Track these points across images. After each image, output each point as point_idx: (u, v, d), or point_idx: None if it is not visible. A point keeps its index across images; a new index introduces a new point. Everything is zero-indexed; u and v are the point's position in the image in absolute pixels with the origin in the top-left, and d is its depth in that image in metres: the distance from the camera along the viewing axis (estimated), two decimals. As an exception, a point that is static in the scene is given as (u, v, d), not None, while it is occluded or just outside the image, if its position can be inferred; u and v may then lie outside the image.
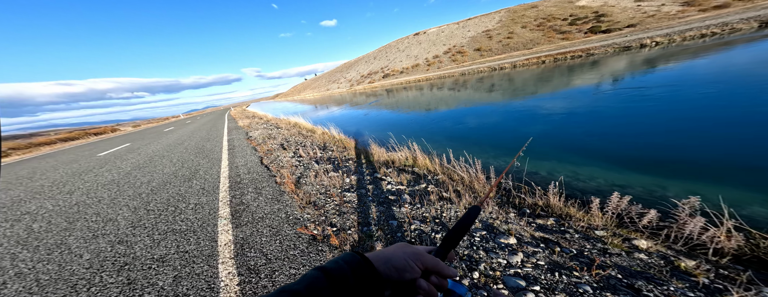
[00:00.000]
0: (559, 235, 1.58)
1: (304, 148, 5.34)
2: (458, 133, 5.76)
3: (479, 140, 4.95)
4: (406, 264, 0.36)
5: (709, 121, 3.57)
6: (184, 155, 5.73)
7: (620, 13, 37.92)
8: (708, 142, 3.05)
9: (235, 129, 10.29)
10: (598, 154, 3.29)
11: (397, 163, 3.80)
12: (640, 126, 3.89)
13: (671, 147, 3.10)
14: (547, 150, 3.69)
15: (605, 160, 3.06)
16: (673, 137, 3.34)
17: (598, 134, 3.95)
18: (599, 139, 3.76)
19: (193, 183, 3.58)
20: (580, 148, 3.59)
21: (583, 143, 3.74)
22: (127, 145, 9.89)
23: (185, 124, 19.68)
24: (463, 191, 2.37)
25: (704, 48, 11.20)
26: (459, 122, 6.59)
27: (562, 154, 3.48)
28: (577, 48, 21.62)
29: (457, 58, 42.89)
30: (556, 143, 3.90)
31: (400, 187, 2.80)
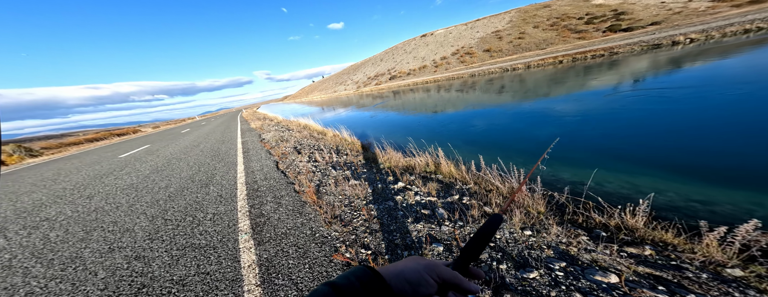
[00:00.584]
0: (677, 273, 1.24)
1: (320, 151, 5.15)
2: (474, 135, 5.45)
3: (499, 144, 4.63)
4: (421, 277, 0.33)
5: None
6: (200, 158, 5.66)
7: (642, 11, 35.73)
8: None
9: (248, 131, 10.28)
10: (656, 160, 2.92)
11: (417, 170, 3.54)
12: (700, 130, 3.48)
13: (745, 154, 2.70)
14: (585, 155, 3.34)
15: (669, 170, 2.69)
16: (744, 143, 2.93)
17: (648, 139, 3.55)
18: (653, 144, 3.37)
19: (210, 189, 3.43)
20: (627, 153, 3.22)
21: (629, 148, 3.36)
22: (147, 146, 10.03)
23: (200, 126, 20.05)
24: (507, 205, 2.08)
25: (750, 43, 10.36)
26: (473, 125, 6.26)
27: (610, 160, 3.12)
28: (598, 47, 20.28)
29: (466, 59, 41.95)
30: (595, 147, 3.54)
31: (430, 198, 2.53)
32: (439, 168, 3.49)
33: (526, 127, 5.28)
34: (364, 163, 4.09)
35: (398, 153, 4.22)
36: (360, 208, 2.38)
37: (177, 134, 14.60)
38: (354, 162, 4.13)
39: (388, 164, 3.91)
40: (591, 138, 3.95)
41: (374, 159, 4.20)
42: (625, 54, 16.18)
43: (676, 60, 9.80)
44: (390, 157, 4.09)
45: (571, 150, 3.63)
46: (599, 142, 3.76)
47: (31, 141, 31.09)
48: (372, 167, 3.84)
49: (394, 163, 3.92)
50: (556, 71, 14.60)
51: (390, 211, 2.31)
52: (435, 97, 14.10)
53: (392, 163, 3.93)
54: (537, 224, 1.85)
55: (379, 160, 4.12)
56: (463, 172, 3.07)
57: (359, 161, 4.20)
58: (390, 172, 3.47)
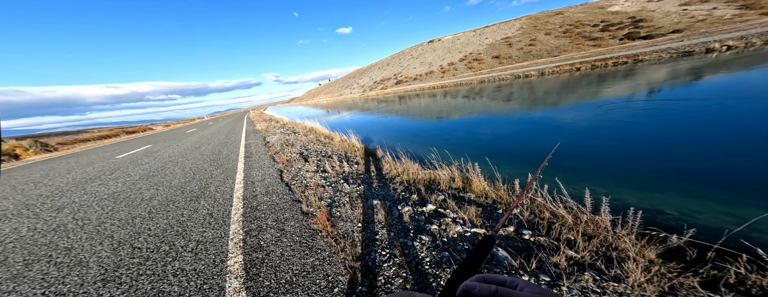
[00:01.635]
0: None
1: (328, 159, 4.52)
2: (496, 145, 4.77)
3: (528, 157, 3.94)
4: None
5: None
6: (198, 163, 5.05)
7: (662, 18, 34.09)
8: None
9: (253, 133, 9.72)
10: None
11: (442, 185, 2.88)
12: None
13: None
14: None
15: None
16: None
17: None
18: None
19: (201, 204, 2.79)
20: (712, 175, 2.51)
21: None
22: (148, 146, 9.50)
23: (207, 126, 19.66)
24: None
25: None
26: (496, 133, 5.59)
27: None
28: (620, 54, 18.88)
29: (474, 65, 41.20)
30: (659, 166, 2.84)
31: (476, 230, 1.86)
32: (469, 185, 2.82)
33: (537, 135, 4.60)
34: (380, 175, 3.43)
35: (415, 163, 3.58)
36: (392, 245, 1.72)
37: (182, 134, 14.14)
38: (368, 174, 3.48)
39: (406, 177, 3.26)
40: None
41: (390, 170, 3.56)
42: (652, 62, 14.99)
43: (715, 68, 9.06)
44: (406, 168, 3.44)
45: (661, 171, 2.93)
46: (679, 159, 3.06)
47: (48, 136, 31.23)
48: (388, 181, 3.18)
49: (412, 175, 3.28)
50: (573, 79, 13.91)
51: (435, 251, 1.63)
52: (443, 103, 13.49)
53: (410, 175, 3.29)
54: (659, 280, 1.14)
55: (394, 171, 3.47)
56: (502, 191, 2.40)
57: (373, 172, 3.54)
58: (412, 188, 2.81)
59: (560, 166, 3.36)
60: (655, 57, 15.62)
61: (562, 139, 4.38)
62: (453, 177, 3.01)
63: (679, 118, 4.37)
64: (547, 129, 5.25)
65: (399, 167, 3.64)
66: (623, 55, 18.24)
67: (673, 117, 4.47)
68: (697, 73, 8.75)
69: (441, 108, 11.81)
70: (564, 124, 5.30)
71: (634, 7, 41.39)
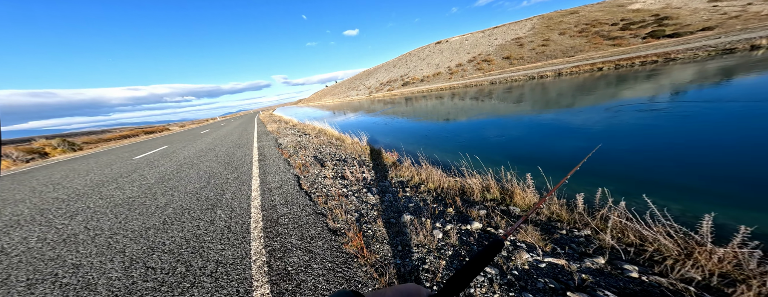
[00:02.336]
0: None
1: (345, 164, 4.26)
2: (515, 150, 4.39)
3: (543, 160, 3.56)
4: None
5: None
6: (213, 166, 4.89)
7: (690, 16, 31.72)
8: None
9: (265, 134, 9.61)
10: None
11: (476, 196, 2.56)
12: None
13: None
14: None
15: None
16: None
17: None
18: None
19: (217, 214, 2.56)
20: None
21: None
22: (165, 148, 9.53)
23: (220, 127, 19.87)
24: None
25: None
26: (507, 136, 5.19)
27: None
28: (648, 52, 17.37)
29: (483, 66, 40.11)
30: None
31: (553, 260, 1.51)
32: (509, 196, 2.48)
33: (563, 139, 4.18)
34: (401, 182, 3.14)
35: (437, 169, 3.27)
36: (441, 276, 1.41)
37: (197, 135, 14.25)
38: (388, 180, 3.20)
39: (432, 185, 2.95)
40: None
41: (409, 176, 3.26)
42: (686, 60, 13.65)
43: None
44: (430, 175, 3.14)
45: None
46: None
47: (75, 136, 32.63)
48: (413, 189, 2.88)
49: (437, 183, 2.97)
50: (594, 79, 13.20)
51: (502, 287, 1.31)
52: (452, 105, 13.07)
53: (435, 183, 2.98)
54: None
55: (417, 177, 3.17)
56: (557, 205, 2.06)
57: (393, 179, 3.25)
58: (447, 201, 2.50)
59: (609, 174, 2.97)
60: (690, 55, 14.40)
61: (598, 143, 3.97)
62: (487, 186, 2.69)
63: (743, 121, 3.88)
64: (577, 132, 4.83)
65: (421, 174, 3.34)
66: (652, 53, 16.91)
67: (735, 120, 3.98)
68: (746, 72, 8.03)
69: (449, 110, 11.43)
70: (598, 128, 4.86)
71: (657, 5, 39.32)
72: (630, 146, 3.75)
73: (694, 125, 4.07)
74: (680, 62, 14.02)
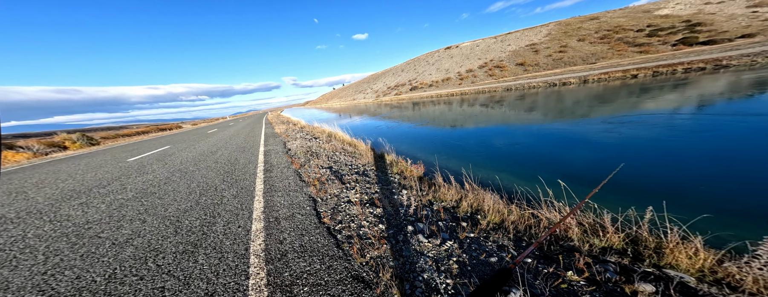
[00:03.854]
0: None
1: (366, 179, 3.34)
2: (559, 165, 3.41)
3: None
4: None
5: None
6: (209, 176, 4.02)
7: (726, 22, 29.11)
8: None
9: (272, 136, 8.81)
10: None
11: (572, 235, 1.62)
12: None
13: None
14: None
15: None
16: None
17: None
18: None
19: (198, 263, 1.65)
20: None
21: None
22: (166, 148, 8.80)
23: (228, 126, 19.33)
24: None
25: None
26: (541, 149, 4.18)
27: None
28: (694, 58, 15.47)
29: (495, 72, 38.72)
30: None
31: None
32: (645, 246, 1.53)
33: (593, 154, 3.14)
34: (448, 210, 2.21)
35: (486, 192, 2.39)
36: None
37: (203, 134, 13.61)
38: (430, 207, 2.26)
39: (494, 217, 2.07)
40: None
41: (452, 200, 2.32)
42: (741, 67, 12.02)
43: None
44: (480, 200, 2.28)
45: None
46: None
47: (95, 130, 33.11)
48: (472, 224, 1.94)
49: (497, 212, 2.10)
50: (636, 87, 12.00)
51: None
52: (461, 112, 12.09)
53: (494, 212, 2.11)
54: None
55: (466, 204, 2.26)
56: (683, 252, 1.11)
57: (435, 204, 2.33)
58: (546, 250, 1.54)
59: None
60: (748, 62, 12.74)
61: (621, 161, 2.93)
62: (592, 228, 1.72)
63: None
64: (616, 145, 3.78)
65: (468, 197, 2.46)
66: (699, 59, 15.07)
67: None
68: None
69: (462, 116, 10.49)
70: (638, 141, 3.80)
71: (688, 10, 37.04)
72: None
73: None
74: (733, 69, 12.17)
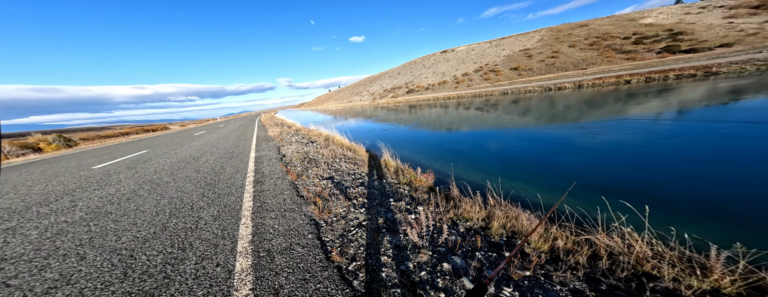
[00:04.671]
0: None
1: (377, 192, 2.73)
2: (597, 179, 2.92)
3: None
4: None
5: None
6: (186, 189, 3.31)
7: (705, 31, 30.77)
8: None
9: (265, 140, 8.07)
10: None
11: (663, 276, 1.06)
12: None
13: None
14: None
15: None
16: None
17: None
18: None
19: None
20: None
21: None
22: (143, 152, 7.91)
23: (217, 128, 18.28)
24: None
25: None
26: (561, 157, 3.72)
27: None
28: (685, 65, 16.27)
29: (490, 76, 39.11)
30: None
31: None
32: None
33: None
34: (480, 232, 1.64)
35: (514, 207, 2.02)
36: None
37: (189, 137, 12.64)
38: (457, 229, 1.68)
39: (541, 244, 1.53)
40: None
41: (480, 220, 1.76)
42: (730, 74, 12.54)
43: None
44: (512, 218, 1.80)
45: None
46: None
47: (74, 131, 31.00)
48: (522, 258, 1.34)
49: (539, 237, 1.58)
50: (621, 93, 11.90)
51: None
52: (465, 115, 11.69)
53: (535, 236, 1.58)
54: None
55: (497, 225, 1.72)
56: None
57: (460, 225, 1.76)
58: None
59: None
60: (737, 69, 13.13)
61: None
62: (684, 264, 1.18)
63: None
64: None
65: (498, 216, 1.95)
66: (690, 66, 15.65)
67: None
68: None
69: (462, 120, 10.05)
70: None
71: (670, 20, 38.73)
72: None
73: None
74: (723, 76, 12.60)
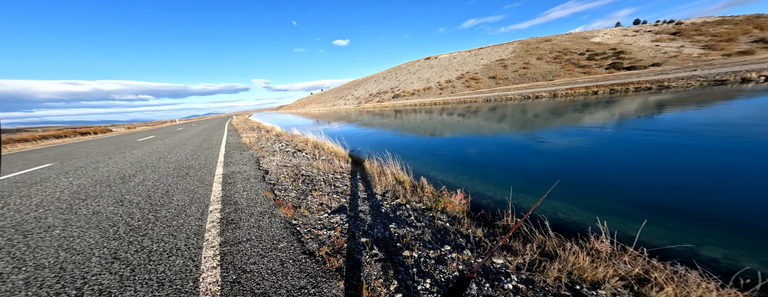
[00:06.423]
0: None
1: (421, 240, 1.48)
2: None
3: None
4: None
5: None
6: (81, 245, 1.69)
7: (639, 52, 35.81)
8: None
9: (238, 149, 6.28)
10: None
11: None
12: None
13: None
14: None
15: None
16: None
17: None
18: None
19: None
20: None
21: None
22: (45, 166, 5.58)
23: (175, 132, 15.25)
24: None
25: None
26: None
27: None
28: (642, 79, 18.44)
29: (471, 84, 40.69)
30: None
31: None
32: None
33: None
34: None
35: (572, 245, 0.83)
36: None
37: (129, 144, 9.96)
38: None
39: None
40: None
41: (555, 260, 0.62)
42: (678, 89, 14.31)
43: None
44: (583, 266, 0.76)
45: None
46: None
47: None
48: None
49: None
50: (602, 102, 12.46)
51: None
52: (454, 122, 11.14)
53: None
54: None
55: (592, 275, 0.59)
56: None
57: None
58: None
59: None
60: (683, 84, 15.13)
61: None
62: None
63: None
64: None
65: (570, 258, 0.99)
66: (647, 80, 17.78)
67: None
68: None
69: (453, 126, 9.41)
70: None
71: (612, 40, 44.80)
72: None
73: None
74: (673, 90, 14.48)
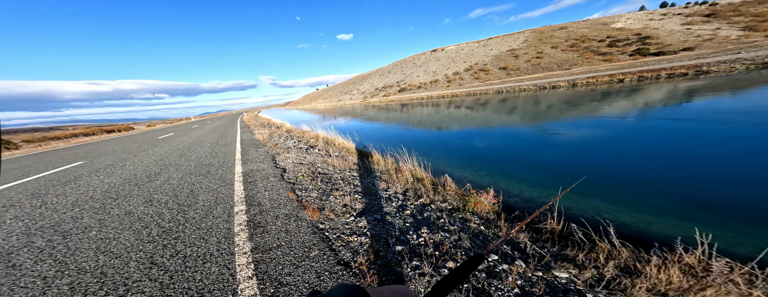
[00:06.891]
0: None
1: (455, 243, 1.32)
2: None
3: None
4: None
5: None
6: (118, 248, 1.68)
7: (668, 36, 33.09)
8: None
9: (253, 146, 6.33)
10: None
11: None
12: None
13: None
14: None
15: None
16: None
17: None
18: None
19: None
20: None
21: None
22: (76, 165, 5.85)
23: (191, 129, 15.74)
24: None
25: None
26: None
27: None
28: (676, 64, 17.01)
29: (481, 76, 39.14)
30: None
31: None
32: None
33: None
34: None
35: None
36: None
37: (151, 141, 10.33)
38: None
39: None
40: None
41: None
42: (722, 73, 12.88)
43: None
44: None
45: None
46: None
47: (16, 133, 26.87)
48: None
49: None
50: (633, 91, 11.53)
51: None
52: (464, 115, 10.67)
53: None
54: None
55: None
56: None
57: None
58: None
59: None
60: (726, 68, 13.65)
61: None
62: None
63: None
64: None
65: None
66: (682, 65, 16.26)
67: None
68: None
69: (467, 119, 9.05)
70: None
71: (637, 25, 41.35)
72: None
73: None
74: (713, 75, 13.00)
